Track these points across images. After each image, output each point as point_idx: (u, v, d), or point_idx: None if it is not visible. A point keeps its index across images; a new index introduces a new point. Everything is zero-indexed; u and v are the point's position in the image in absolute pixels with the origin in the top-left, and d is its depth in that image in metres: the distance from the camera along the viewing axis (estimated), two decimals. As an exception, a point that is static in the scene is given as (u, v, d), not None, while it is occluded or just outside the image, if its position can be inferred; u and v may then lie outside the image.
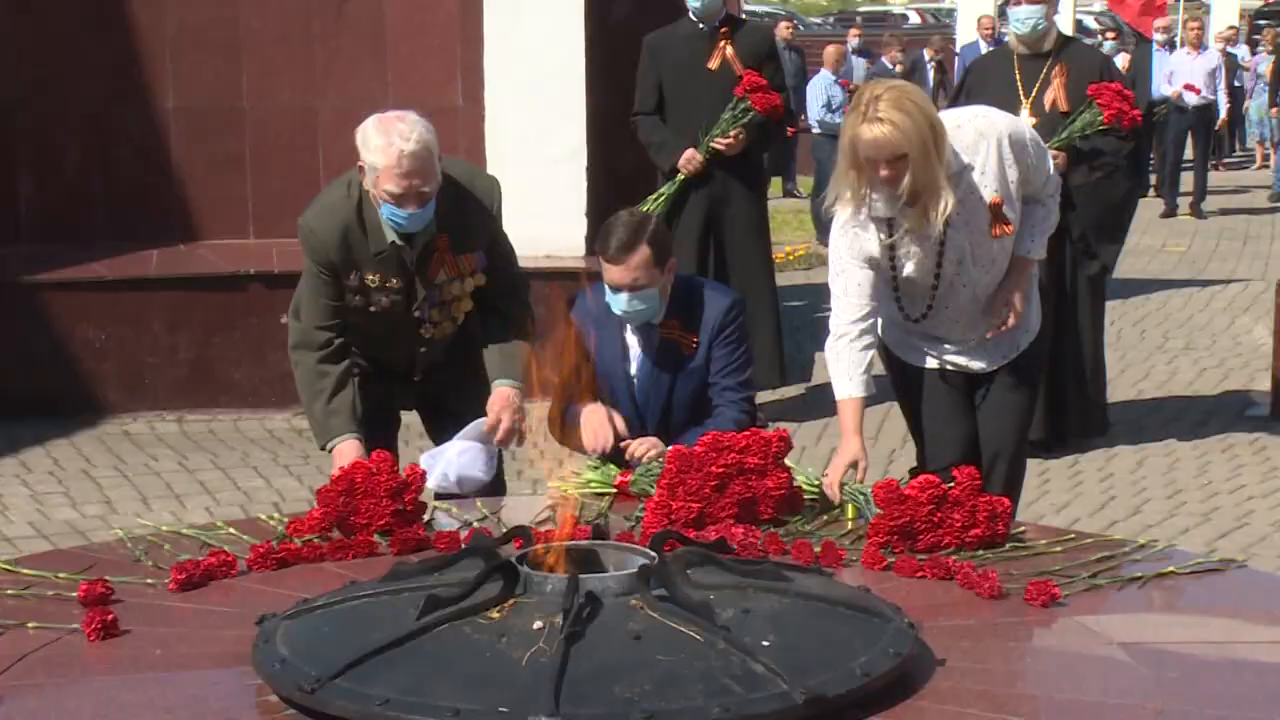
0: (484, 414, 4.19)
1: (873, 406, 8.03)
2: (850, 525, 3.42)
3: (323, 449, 4.28)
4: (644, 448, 3.94)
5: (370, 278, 4.23)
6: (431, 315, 4.32)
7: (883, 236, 4.19)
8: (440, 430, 4.43)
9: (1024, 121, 4.49)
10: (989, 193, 4.20)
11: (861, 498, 3.49)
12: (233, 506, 6.48)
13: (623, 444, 4.00)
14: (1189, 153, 17.01)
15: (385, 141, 4.07)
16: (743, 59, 7.56)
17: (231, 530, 3.42)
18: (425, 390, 4.52)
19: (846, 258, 4.21)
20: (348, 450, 4.13)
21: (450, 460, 4.08)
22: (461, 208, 4.25)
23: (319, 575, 3.11)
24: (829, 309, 4.43)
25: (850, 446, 3.94)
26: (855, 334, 4.19)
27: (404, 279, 4.24)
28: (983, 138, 4.20)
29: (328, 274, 4.24)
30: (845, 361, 4.18)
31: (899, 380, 4.68)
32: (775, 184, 17.21)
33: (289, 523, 3.41)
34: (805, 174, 19.63)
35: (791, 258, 13.53)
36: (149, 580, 3.05)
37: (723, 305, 4.40)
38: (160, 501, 6.60)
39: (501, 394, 4.22)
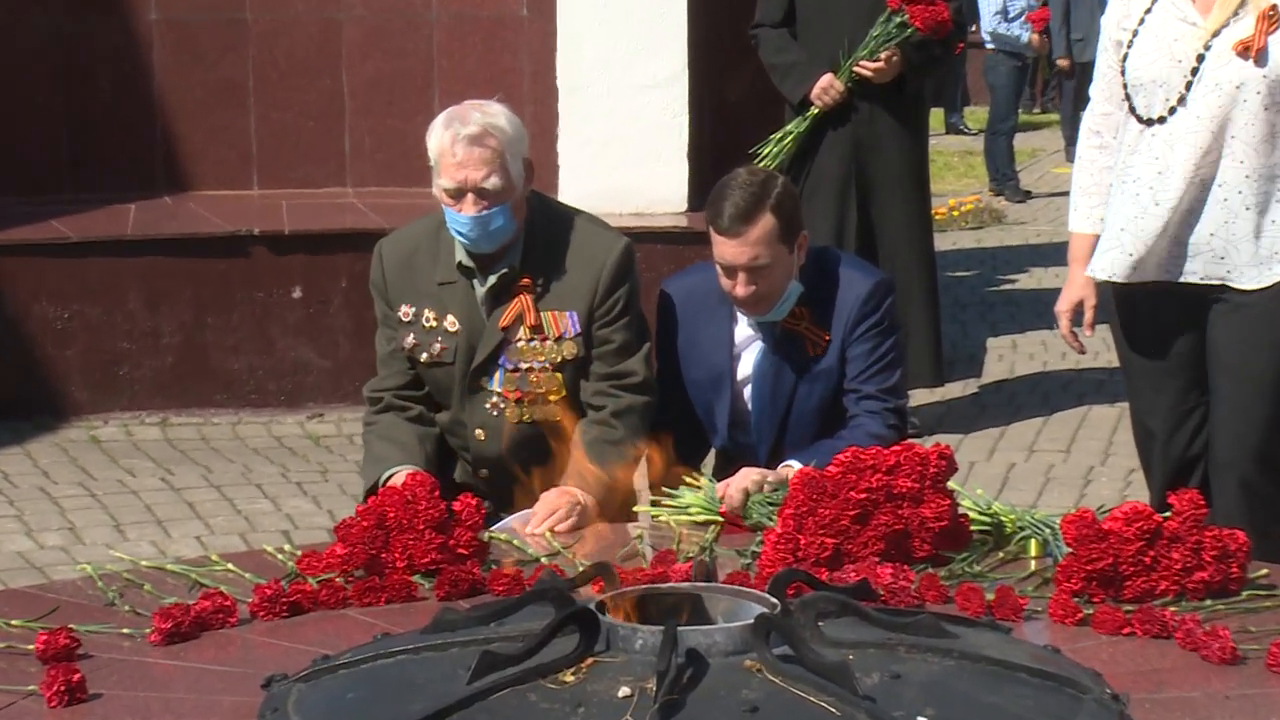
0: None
1: (1065, 411, 8.14)
2: (1034, 566, 3.40)
3: (371, 492, 4.18)
4: (738, 492, 3.88)
5: (427, 314, 4.34)
6: (504, 385, 4.35)
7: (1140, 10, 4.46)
8: None
9: None
10: None
11: (1047, 531, 3.47)
12: (231, 535, 6.55)
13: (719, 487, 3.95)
14: None
15: (444, 128, 4.24)
16: (901, -42, 7.51)
17: (230, 566, 3.46)
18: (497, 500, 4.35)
19: (1106, 32, 4.62)
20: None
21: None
22: (558, 250, 4.33)
23: (341, 625, 3.14)
24: (1002, 282, 4.47)
25: (1076, 281, 4.70)
26: (1100, 137, 4.65)
27: (467, 321, 4.32)
28: None
29: (385, 307, 4.42)
30: (1084, 178, 4.71)
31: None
32: (936, 117, 17.10)
33: (301, 557, 3.44)
34: (976, 103, 19.51)
35: (956, 214, 13.47)
36: (125, 630, 3.09)
37: (863, 289, 4.37)
38: (139, 528, 6.68)
39: (565, 489, 4.07)
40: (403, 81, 8.70)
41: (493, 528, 3.85)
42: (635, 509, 4.09)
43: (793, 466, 3.94)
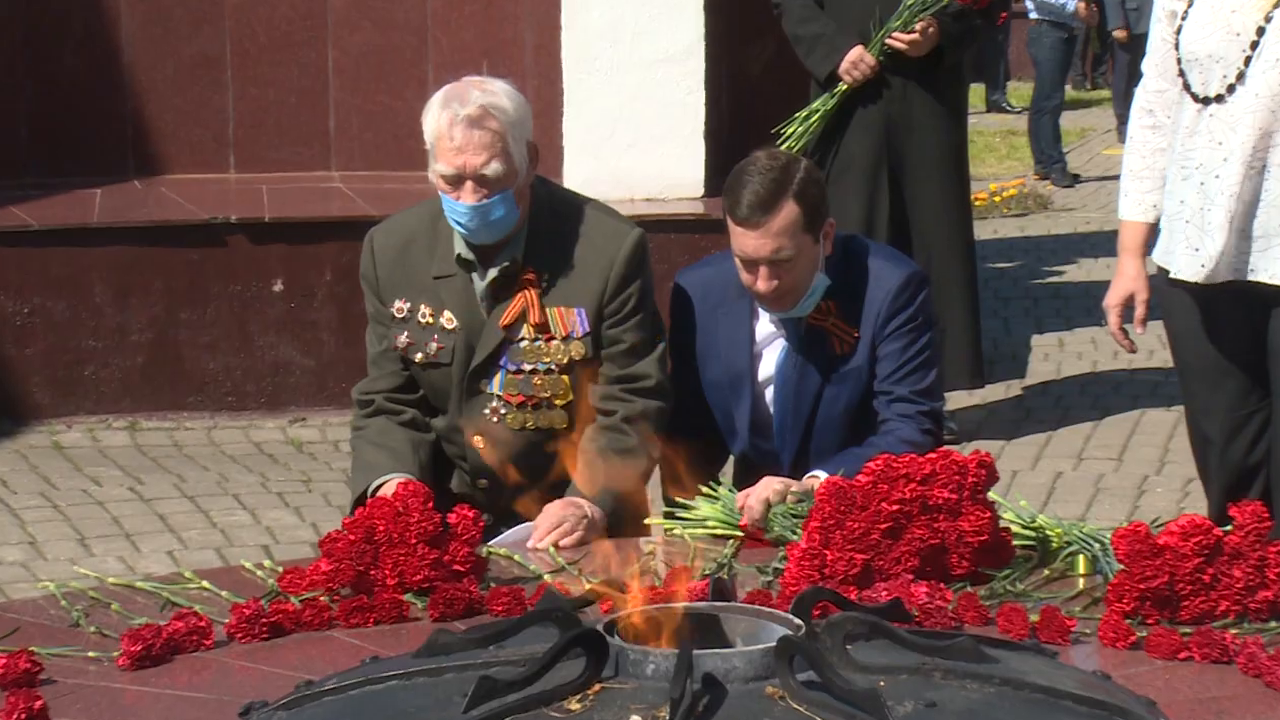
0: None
1: (1117, 415, 8.13)
2: (1082, 585, 3.41)
3: (360, 502, 4.15)
4: (759, 503, 3.87)
5: (423, 310, 4.33)
6: (506, 388, 4.35)
7: None
8: None
9: None
10: None
11: (1097, 546, 3.48)
12: (205, 550, 6.56)
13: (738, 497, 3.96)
14: None
15: (441, 108, 4.22)
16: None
17: (205, 584, 3.47)
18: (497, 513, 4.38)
19: (1160, 2, 4.62)
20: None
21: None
22: (565, 242, 4.33)
23: (326, 648, 3.15)
24: (1048, 274, 4.47)
25: (1127, 273, 4.72)
26: (1153, 116, 4.64)
27: (465, 319, 4.32)
28: None
29: (376, 303, 4.41)
30: (1135, 161, 4.71)
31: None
32: (976, 94, 17.11)
33: (282, 574, 3.45)
34: (1020, 79, 19.49)
35: (998, 200, 13.46)
36: (91, 653, 3.10)
37: (894, 282, 4.37)
38: (105, 542, 6.69)
39: (571, 500, 4.10)
40: (393, 55, 8.69)
41: (491, 542, 3.86)
42: (647, 522, 4.10)
43: (819, 475, 3.95)
